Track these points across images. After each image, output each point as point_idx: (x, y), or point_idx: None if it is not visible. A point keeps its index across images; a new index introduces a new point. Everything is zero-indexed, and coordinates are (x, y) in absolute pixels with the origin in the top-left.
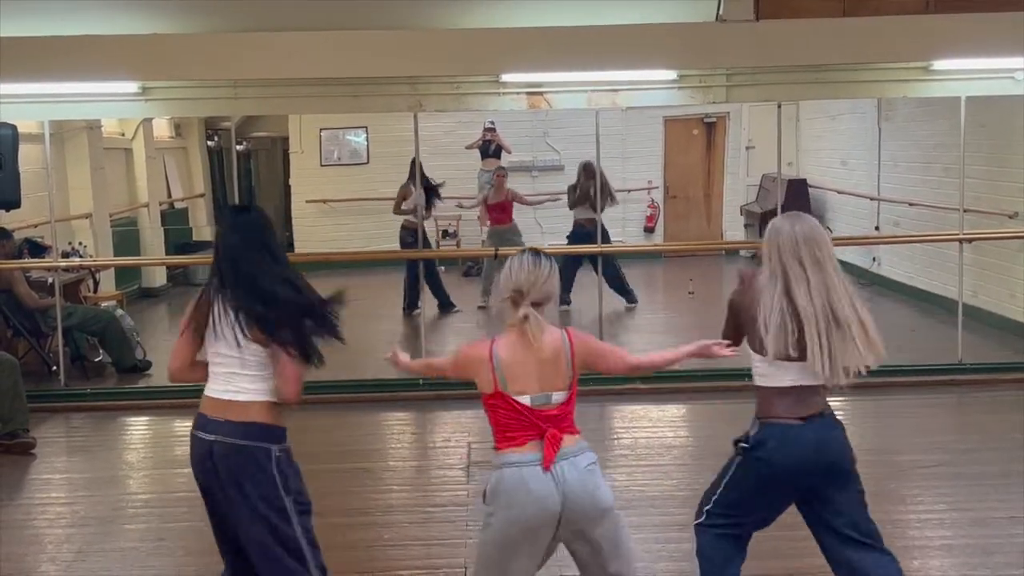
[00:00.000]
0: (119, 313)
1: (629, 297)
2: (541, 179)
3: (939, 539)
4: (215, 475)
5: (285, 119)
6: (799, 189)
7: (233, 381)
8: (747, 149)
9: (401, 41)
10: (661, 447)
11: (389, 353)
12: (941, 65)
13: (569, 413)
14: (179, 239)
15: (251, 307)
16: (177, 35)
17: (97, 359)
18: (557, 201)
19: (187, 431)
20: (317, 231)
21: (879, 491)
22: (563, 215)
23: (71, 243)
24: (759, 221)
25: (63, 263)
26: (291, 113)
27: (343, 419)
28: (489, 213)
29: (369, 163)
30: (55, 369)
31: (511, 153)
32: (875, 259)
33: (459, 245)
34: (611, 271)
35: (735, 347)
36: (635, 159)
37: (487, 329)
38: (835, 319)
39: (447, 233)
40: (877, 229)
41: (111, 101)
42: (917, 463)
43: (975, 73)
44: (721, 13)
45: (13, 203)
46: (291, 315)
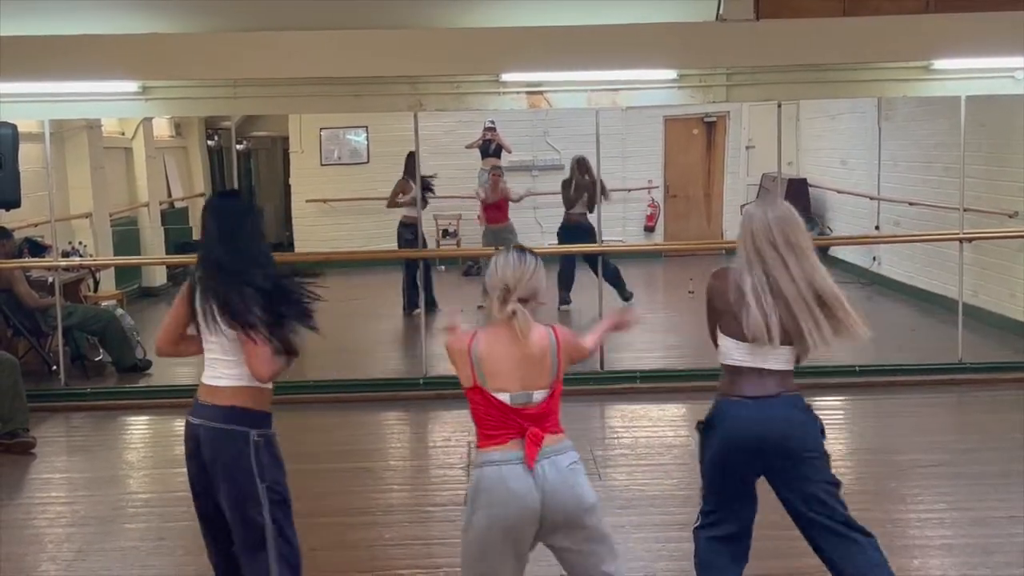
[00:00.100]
0: (119, 313)
1: (623, 292)
2: (541, 178)
3: (939, 538)
4: (200, 459)
5: (285, 118)
6: (799, 188)
7: (217, 367)
8: (747, 148)
9: (401, 40)
10: (661, 446)
11: (447, 323)
12: (941, 64)
13: (552, 412)
14: (179, 238)
15: (217, 292)
16: (177, 34)
17: (97, 358)
18: (538, 198)
19: None
20: (317, 230)
21: (879, 490)
22: (563, 214)
23: (71, 242)
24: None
25: (63, 262)
26: (291, 112)
27: (344, 419)
28: (485, 212)
29: (369, 162)
30: (55, 368)
31: (511, 152)
32: (875, 258)
33: (459, 244)
34: (611, 266)
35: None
36: (635, 158)
37: None
38: (820, 297)
39: (447, 233)
40: (877, 228)
41: (111, 100)
42: (917, 462)
43: (975, 72)
44: (721, 12)
45: (13, 202)
46: (256, 299)
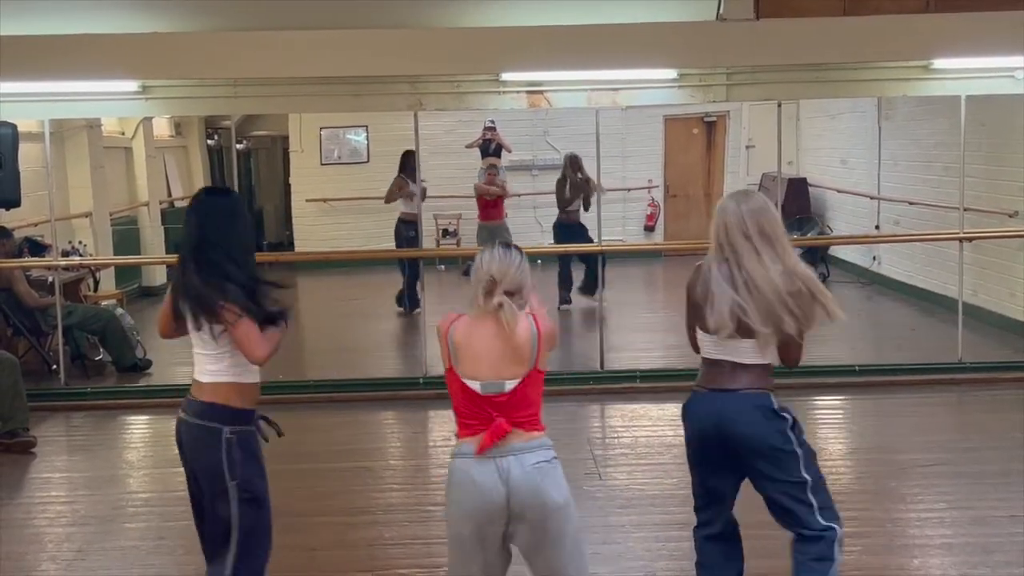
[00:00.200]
0: (119, 312)
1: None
2: (541, 178)
3: (939, 537)
4: (183, 454)
5: (285, 118)
6: (799, 188)
7: (200, 362)
8: (747, 148)
9: (401, 40)
10: (661, 446)
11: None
12: (941, 64)
13: (525, 402)
14: (179, 238)
15: (188, 288)
16: (177, 34)
17: (97, 358)
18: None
19: None
20: (317, 230)
21: (879, 490)
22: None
23: (71, 242)
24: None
25: (63, 262)
26: (291, 112)
27: (343, 418)
28: (481, 208)
29: (369, 162)
30: (55, 368)
31: (511, 152)
32: (875, 258)
33: (459, 244)
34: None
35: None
36: (635, 158)
37: None
38: (794, 284)
39: (447, 232)
40: (877, 228)
41: (111, 100)
42: (917, 462)
43: (975, 72)
44: (721, 12)
45: (13, 202)
46: (229, 291)
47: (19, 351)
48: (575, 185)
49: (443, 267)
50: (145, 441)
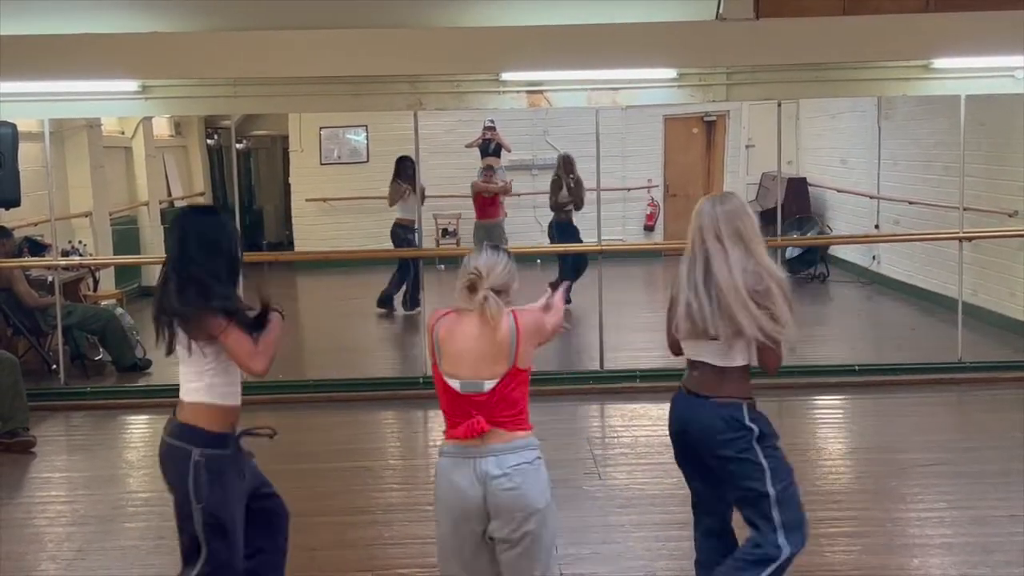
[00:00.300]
0: (119, 312)
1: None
2: (541, 177)
3: (939, 537)
4: (160, 470)
5: (285, 117)
6: (799, 187)
7: (183, 380)
8: (747, 147)
9: (401, 39)
10: (661, 445)
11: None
12: (941, 63)
13: (505, 401)
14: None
15: (166, 304)
16: (177, 33)
17: (97, 358)
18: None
19: None
20: (317, 230)
21: (879, 489)
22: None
23: (71, 241)
24: (759, 219)
25: (63, 262)
26: (291, 111)
27: (343, 418)
28: (477, 208)
29: (369, 162)
30: (55, 368)
31: (511, 151)
32: (875, 257)
33: (459, 244)
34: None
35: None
36: (635, 157)
37: None
38: (762, 283)
39: (447, 232)
40: (877, 227)
41: (111, 99)
42: (917, 461)
43: (975, 71)
44: (721, 11)
45: (13, 201)
46: (208, 307)
47: (19, 351)
48: (568, 186)
49: (443, 267)
50: (145, 441)
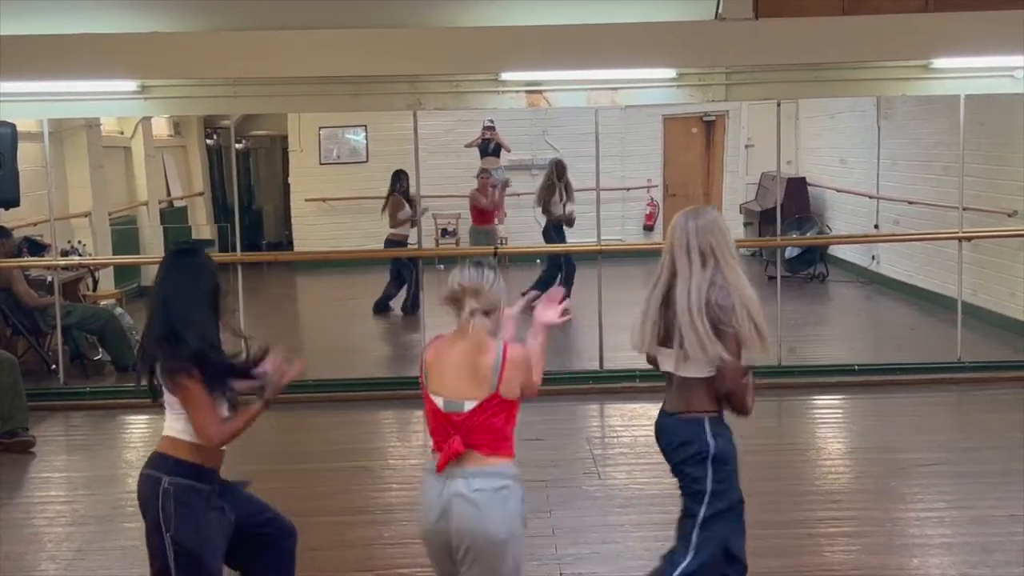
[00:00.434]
0: (118, 312)
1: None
2: (540, 177)
3: (939, 537)
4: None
5: (284, 117)
6: (798, 187)
7: (166, 416)
8: (746, 147)
9: (400, 39)
10: None
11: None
12: (940, 63)
13: (483, 427)
14: (178, 238)
15: (144, 346)
16: (176, 33)
17: (96, 358)
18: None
19: None
20: (316, 229)
21: (878, 489)
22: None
23: (70, 241)
24: (758, 219)
25: (62, 262)
26: (290, 111)
27: (342, 418)
28: (473, 212)
29: (368, 161)
30: (54, 368)
31: (510, 151)
32: (874, 257)
33: (458, 243)
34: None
35: None
36: (634, 157)
37: None
38: (728, 299)
39: (446, 232)
40: (876, 227)
41: (110, 99)
42: (916, 461)
43: (974, 71)
44: (720, 11)
45: (12, 201)
46: (185, 355)
47: (18, 351)
48: (562, 193)
49: (442, 267)
50: (144, 441)
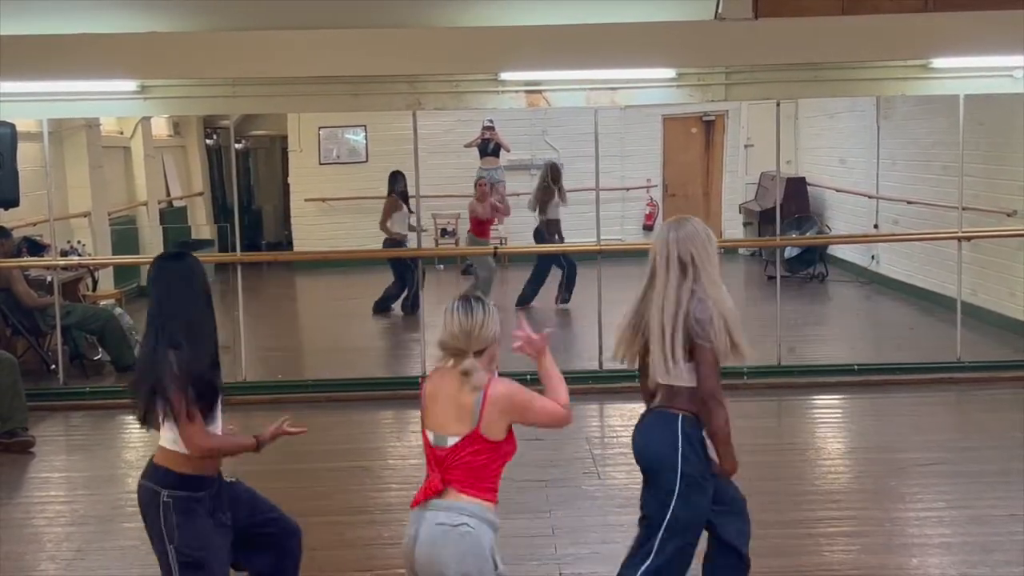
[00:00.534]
0: (118, 312)
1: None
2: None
3: (938, 537)
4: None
5: (284, 117)
6: (798, 187)
7: (161, 427)
8: (746, 147)
9: (400, 39)
10: None
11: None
12: (940, 63)
13: (460, 464)
14: (178, 238)
15: (139, 356)
16: (176, 33)
17: (96, 357)
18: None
19: None
20: (316, 229)
21: (878, 489)
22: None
23: (70, 241)
24: (758, 219)
25: (62, 262)
26: (290, 111)
27: (341, 418)
28: (472, 221)
29: (368, 161)
30: (54, 368)
31: (510, 151)
32: (874, 257)
33: (458, 243)
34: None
35: None
36: (634, 157)
37: None
38: (705, 311)
39: (445, 231)
40: (876, 227)
41: (110, 99)
42: (916, 461)
43: (973, 71)
44: (720, 11)
45: (12, 201)
46: (178, 367)
47: (18, 351)
48: (556, 192)
49: (442, 266)
50: (144, 441)
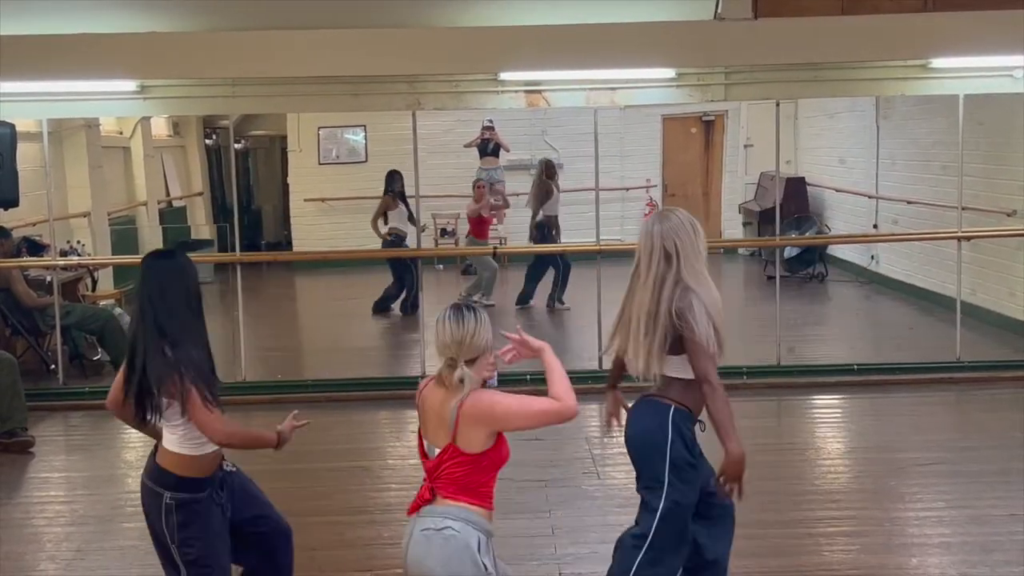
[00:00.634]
0: (117, 312)
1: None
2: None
3: (938, 536)
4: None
5: (283, 117)
6: (797, 187)
7: (163, 425)
8: (745, 147)
9: (399, 39)
10: None
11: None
12: (939, 63)
13: (446, 475)
14: (177, 238)
15: (134, 357)
16: (176, 33)
17: (96, 357)
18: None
19: None
20: (315, 229)
21: (878, 488)
22: (565, 217)
23: (69, 241)
24: (758, 219)
25: (61, 262)
26: (289, 111)
27: (341, 418)
28: (471, 223)
29: (367, 161)
30: (53, 368)
31: (509, 151)
32: (873, 257)
33: (457, 243)
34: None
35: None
36: (633, 157)
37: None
38: (685, 299)
39: (445, 231)
40: (875, 227)
41: (109, 99)
42: (916, 461)
43: (973, 71)
44: (720, 11)
45: (12, 201)
46: (179, 362)
47: (17, 351)
48: (552, 190)
49: (441, 266)
50: (143, 440)
